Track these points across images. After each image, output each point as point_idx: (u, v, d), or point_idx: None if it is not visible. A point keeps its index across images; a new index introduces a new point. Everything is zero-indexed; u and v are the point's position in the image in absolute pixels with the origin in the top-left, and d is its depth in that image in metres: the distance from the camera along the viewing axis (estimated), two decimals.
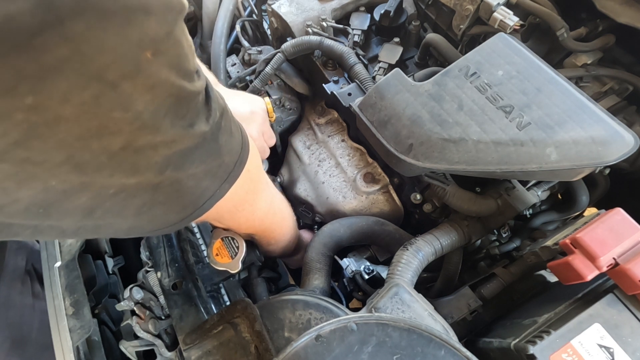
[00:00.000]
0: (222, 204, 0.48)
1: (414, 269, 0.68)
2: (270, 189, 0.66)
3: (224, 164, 0.45)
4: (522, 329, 0.57)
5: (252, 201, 0.59)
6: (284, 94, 1.06)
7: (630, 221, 0.55)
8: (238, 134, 0.47)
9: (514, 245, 0.82)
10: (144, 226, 0.42)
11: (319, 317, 0.63)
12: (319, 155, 1.00)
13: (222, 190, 0.46)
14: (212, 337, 0.63)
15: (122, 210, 0.37)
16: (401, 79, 0.74)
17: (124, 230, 0.41)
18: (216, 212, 0.49)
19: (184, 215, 0.44)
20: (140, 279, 0.79)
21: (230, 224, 0.64)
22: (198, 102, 0.37)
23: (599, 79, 0.85)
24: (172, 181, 0.38)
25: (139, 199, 0.37)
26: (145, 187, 0.36)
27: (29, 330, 1.00)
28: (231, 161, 0.46)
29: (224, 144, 0.43)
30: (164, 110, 0.32)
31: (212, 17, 1.23)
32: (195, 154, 0.39)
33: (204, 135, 0.38)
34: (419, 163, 0.68)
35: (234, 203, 0.54)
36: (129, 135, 0.31)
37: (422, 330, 0.49)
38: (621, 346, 0.51)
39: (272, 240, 0.76)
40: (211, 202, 0.45)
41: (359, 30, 0.98)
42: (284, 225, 0.78)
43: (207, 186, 0.44)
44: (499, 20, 0.79)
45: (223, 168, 0.45)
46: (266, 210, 0.66)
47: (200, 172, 0.41)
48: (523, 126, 0.63)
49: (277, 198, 0.72)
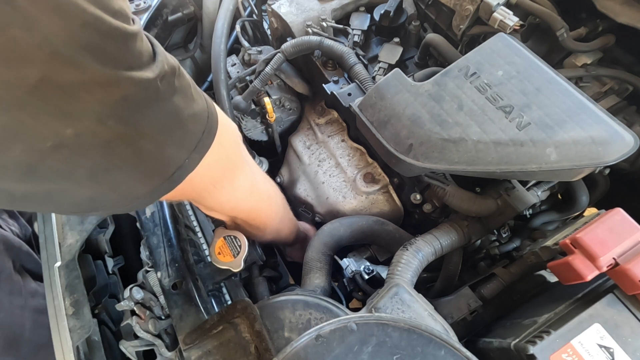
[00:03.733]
0: (197, 180, 0.47)
1: (414, 269, 0.68)
2: (251, 167, 0.64)
3: (189, 131, 0.42)
4: (522, 329, 0.57)
5: (232, 179, 0.57)
6: (284, 94, 1.06)
7: (630, 221, 0.55)
8: (202, 102, 0.45)
9: (514, 245, 0.82)
10: (107, 195, 0.40)
11: (319, 317, 0.63)
12: (319, 156, 1.00)
13: (192, 161, 0.44)
14: (212, 337, 0.63)
15: (72, 172, 0.35)
16: (401, 79, 0.74)
17: (85, 199, 0.39)
18: (192, 189, 0.47)
19: (152, 186, 0.42)
20: (140, 279, 0.79)
21: (211, 204, 0.61)
22: (134, 46, 0.35)
23: (599, 79, 0.85)
24: (124, 139, 0.36)
25: (88, 159, 0.35)
26: (89, 142, 0.34)
27: (22, 329, 1.00)
28: (197, 129, 0.44)
29: (182, 107, 0.40)
30: (83, 41, 0.30)
31: (212, 17, 1.23)
32: (144, 108, 0.36)
33: (148, 84, 0.36)
34: (418, 163, 0.68)
35: (210, 180, 0.53)
36: (44, 66, 0.29)
37: (422, 330, 0.49)
38: (621, 346, 0.51)
39: (260, 223, 0.73)
40: (181, 174, 0.43)
41: (359, 30, 0.98)
42: (272, 206, 0.75)
43: (172, 154, 0.41)
44: (499, 20, 0.79)
45: (189, 136, 0.43)
46: (248, 189, 0.63)
47: (159, 136, 0.39)
48: (523, 126, 0.63)
49: (259, 177, 0.69)
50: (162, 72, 0.37)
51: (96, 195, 0.39)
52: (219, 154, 0.49)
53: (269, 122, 1.01)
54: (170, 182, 0.43)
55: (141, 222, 0.83)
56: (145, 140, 0.38)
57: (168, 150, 0.41)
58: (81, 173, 0.35)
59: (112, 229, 0.90)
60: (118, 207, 0.43)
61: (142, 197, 0.42)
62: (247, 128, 1.06)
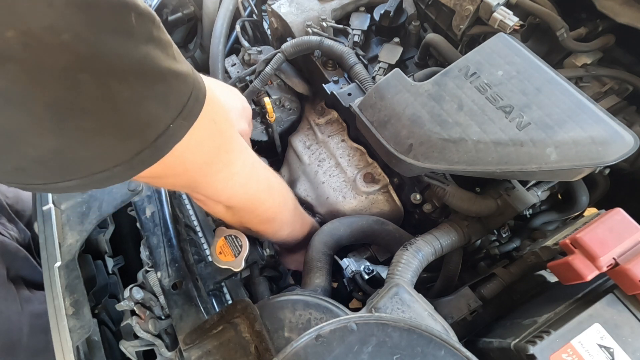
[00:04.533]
0: (189, 157, 0.43)
1: (414, 269, 0.68)
2: (248, 153, 0.60)
3: (172, 88, 0.37)
4: (522, 329, 0.57)
5: (228, 162, 0.53)
6: (284, 94, 1.06)
7: (630, 221, 0.55)
8: (187, 67, 0.40)
9: (514, 245, 0.82)
10: (77, 150, 0.33)
11: (319, 317, 0.63)
12: (319, 156, 1.00)
13: (179, 127, 0.39)
14: (212, 337, 0.63)
15: (25, 100, 0.29)
16: (401, 79, 0.74)
17: (50, 152, 0.32)
18: (184, 168, 0.43)
19: (132, 151, 0.36)
20: (140, 279, 0.79)
21: (207, 191, 0.56)
22: None
23: (599, 79, 0.85)
24: (90, 70, 0.30)
25: (43, 87, 0.29)
26: (42, 60, 0.28)
27: (19, 335, 1.00)
28: (181, 90, 0.38)
29: (161, 58, 0.35)
30: None
31: (212, 17, 1.23)
32: (114, 34, 0.30)
33: (120, 7, 0.31)
34: (418, 163, 0.68)
35: (204, 159, 0.48)
36: None
37: (422, 330, 0.49)
38: (621, 346, 0.51)
39: (262, 216, 0.69)
40: (166, 141, 0.38)
41: (359, 30, 0.98)
42: (274, 197, 0.70)
43: (154, 111, 0.36)
44: (498, 21, 0.79)
45: (172, 95, 0.37)
46: (247, 175, 0.59)
47: (135, 81, 0.33)
48: (523, 126, 0.63)
49: (259, 165, 0.64)
50: (138, 7, 0.33)
51: (63, 146, 0.32)
52: (211, 129, 0.45)
53: (269, 122, 1.01)
54: (154, 149, 0.37)
55: (141, 222, 0.83)
56: (118, 82, 0.32)
57: (148, 105, 0.35)
58: (38, 107, 0.29)
59: (112, 229, 0.90)
60: (94, 176, 0.36)
61: (121, 163, 0.36)
62: None
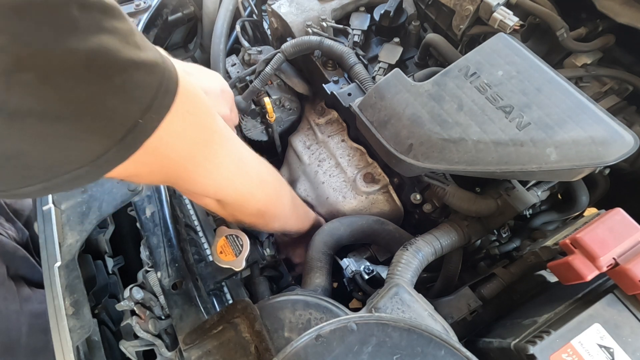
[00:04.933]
0: (168, 153, 0.42)
1: (414, 269, 0.68)
2: (233, 144, 0.57)
3: (135, 81, 0.35)
4: (522, 329, 0.57)
5: (211, 156, 0.51)
6: (283, 94, 1.06)
7: (630, 221, 0.55)
8: (155, 55, 0.38)
9: (514, 245, 0.82)
10: (31, 155, 0.33)
11: (319, 317, 0.63)
12: (319, 156, 1.00)
13: (149, 122, 0.37)
14: (212, 337, 0.63)
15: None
16: (401, 79, 0.74)
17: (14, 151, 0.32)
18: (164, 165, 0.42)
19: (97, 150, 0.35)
20: (140, 279, 0.79)
21: (193, 187, 0.55)
22: None
23: (599, 79, 0.85)
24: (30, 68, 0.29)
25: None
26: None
27: (18, 335, 0.99)
28: (148, 82, 0.37)
29: (117, 49, 0.34)
30: None
31: (212, 17, 1.23)
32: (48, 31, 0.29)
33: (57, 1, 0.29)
34: (418, 163, 0.68)
35: (184, 155, 0.46)
36: None
37: (422, 330, 0.49)
38: (621, 346, 0.51)
39: (253, 208, 0.67)
40: (135, 137, 0.37)
41: (359, 30, 0.98)
42: (266, 190, 0.67)
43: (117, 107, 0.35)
44: (498, 21, 0.79)
45: (138, 89, 0.36)
46: (233, 168, 0.57)
47: (89, 75, 0.32)
48: (523, 126, 0.63)
49: (248, 156, 0.62)
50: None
51: (14, 152, 0.32)
52: (188, 122, 0.43)
53: (269, 122, 1.01)
54: (122, 147, 0.36)
55: (141, 222, 0.83)
56: (69, 78, 0.31)
57: (108, 100, 0.34)
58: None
59: (112, 229, 0.90)
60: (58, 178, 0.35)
61: (86, 164, 0.35)
62: (247, 128, 1.06)
